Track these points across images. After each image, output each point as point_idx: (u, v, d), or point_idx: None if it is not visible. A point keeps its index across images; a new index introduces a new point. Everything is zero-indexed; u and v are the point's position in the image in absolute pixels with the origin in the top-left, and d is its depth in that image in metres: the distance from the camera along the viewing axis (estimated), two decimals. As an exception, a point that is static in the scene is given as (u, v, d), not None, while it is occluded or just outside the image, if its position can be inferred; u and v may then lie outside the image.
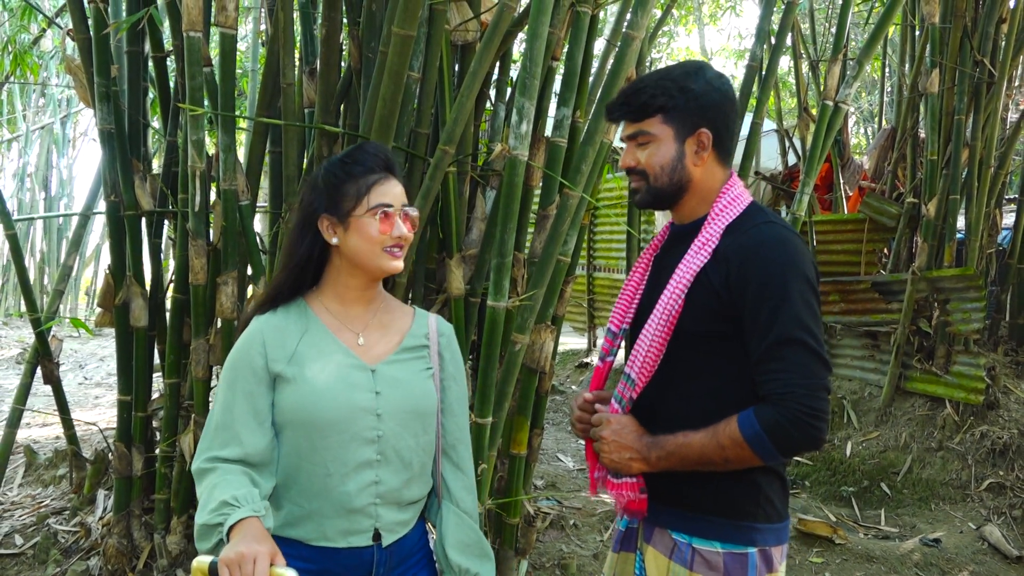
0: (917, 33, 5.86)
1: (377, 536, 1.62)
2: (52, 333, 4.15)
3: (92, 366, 10.01)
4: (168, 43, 3.59)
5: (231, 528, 1.37)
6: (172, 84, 3.66)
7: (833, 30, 8.92)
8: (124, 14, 3.64)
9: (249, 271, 3.16)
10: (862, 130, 17.22)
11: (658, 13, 6.59)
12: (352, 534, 1.60)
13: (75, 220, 14.67)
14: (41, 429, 6.02)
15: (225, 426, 1.56)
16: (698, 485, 1.63)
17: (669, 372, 1.65)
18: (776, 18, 4.18)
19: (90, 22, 3.32)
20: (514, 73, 3.51)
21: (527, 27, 2.62)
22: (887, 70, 8.95)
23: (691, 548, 1.62)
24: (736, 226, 1.63)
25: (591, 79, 3.23)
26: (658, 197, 1.70)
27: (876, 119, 13.99)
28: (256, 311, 1.68)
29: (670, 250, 1.76)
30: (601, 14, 3.39)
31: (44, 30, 7.93)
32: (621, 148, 6.24)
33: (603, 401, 1.78)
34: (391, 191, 1.65)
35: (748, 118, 4.03)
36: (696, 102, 1.64)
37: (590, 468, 1.84)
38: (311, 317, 1.66)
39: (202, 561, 1.33)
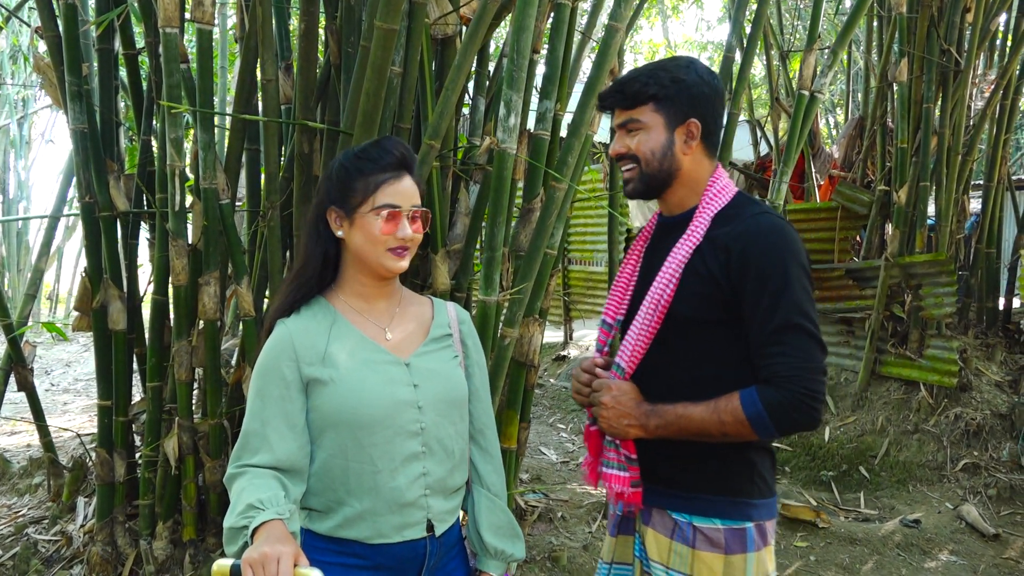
0: (879, 23, 5.94)
1: (430, 527, 1.63)
2: (25, 339, 4.06)
3: (58, 372, 9.82)
4: (140, 39, 3.51)
5: (255, 530, 1.35)
6: (144, 82, 3.58)
7: (797, 22, 9.02)
8: (91, 11, 3.55)
9: (231, 271, 3.11)
10: (822, 120, 17.48)
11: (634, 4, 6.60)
12: (406, 527, 1.59)
13: (33, 223, 14.36)
14: (10, 437, 5.89)
15: (256, 433, 1.53)
16: (695, 466, 1.67)
17: (667, 359, 1.69)
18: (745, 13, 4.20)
19: (59, 19, 3.24)
20: (491, 67, 3.50)
21: (514, 20, 2.60)
22: (849, 60, 9.06)
23: (692, 527, 1.66)
24: (729, 215, 1.67)
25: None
26: (649, 184, 1.73)
27: (837, 108, 14.19)
28: (279, 314, 1.64)
29: (660, 241, 1.79)
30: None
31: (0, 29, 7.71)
32: (602, 143, 6.24)
33: (607, 368, 1.77)
34: (402, 191, 1.61)
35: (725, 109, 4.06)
36: (687, 93, 1.68)
37: (589, 454, 1.83)
38: (336, 315, 1.64)
39: (223, 564, 1.30)
